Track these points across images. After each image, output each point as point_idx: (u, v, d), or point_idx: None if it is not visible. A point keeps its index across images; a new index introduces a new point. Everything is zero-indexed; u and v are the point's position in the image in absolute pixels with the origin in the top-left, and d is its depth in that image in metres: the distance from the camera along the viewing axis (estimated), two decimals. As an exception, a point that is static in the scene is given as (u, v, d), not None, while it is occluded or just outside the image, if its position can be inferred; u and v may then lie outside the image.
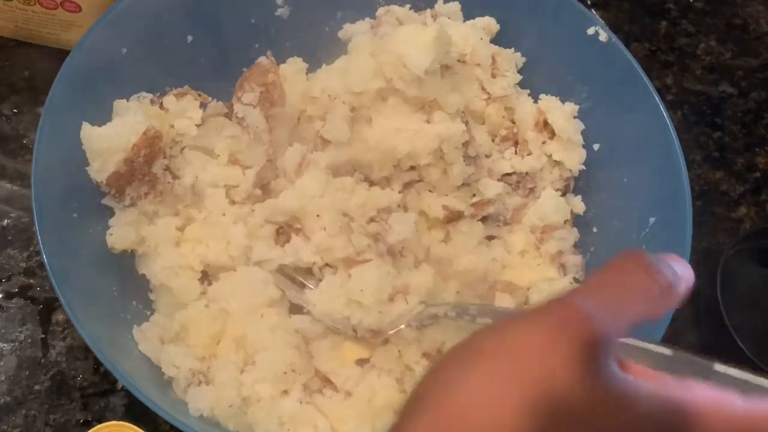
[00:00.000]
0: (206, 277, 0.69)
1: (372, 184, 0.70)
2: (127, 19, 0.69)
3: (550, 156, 0.73)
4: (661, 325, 0.61)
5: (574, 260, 0.71)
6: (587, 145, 0.73)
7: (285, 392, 0.63)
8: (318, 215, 0.65)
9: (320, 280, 0.66)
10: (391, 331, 0.64)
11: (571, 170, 0.73)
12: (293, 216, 0.66)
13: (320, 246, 0.65)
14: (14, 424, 0.70)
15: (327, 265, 0.66)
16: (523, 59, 0.77)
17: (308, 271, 0.67)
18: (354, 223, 0.66)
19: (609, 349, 0.34)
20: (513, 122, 0.75)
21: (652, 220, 0.67)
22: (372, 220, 0.66)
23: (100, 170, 0.65)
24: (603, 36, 0.72)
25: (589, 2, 0.98)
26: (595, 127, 0.73)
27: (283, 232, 0.67)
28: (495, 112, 0.74)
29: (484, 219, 0.71)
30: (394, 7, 0.76)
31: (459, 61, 0.73)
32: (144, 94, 0.71)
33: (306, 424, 0.61)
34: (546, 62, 0.76)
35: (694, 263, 0.77)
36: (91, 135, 0.64)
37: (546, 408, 0.32)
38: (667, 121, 0.68)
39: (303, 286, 0.66)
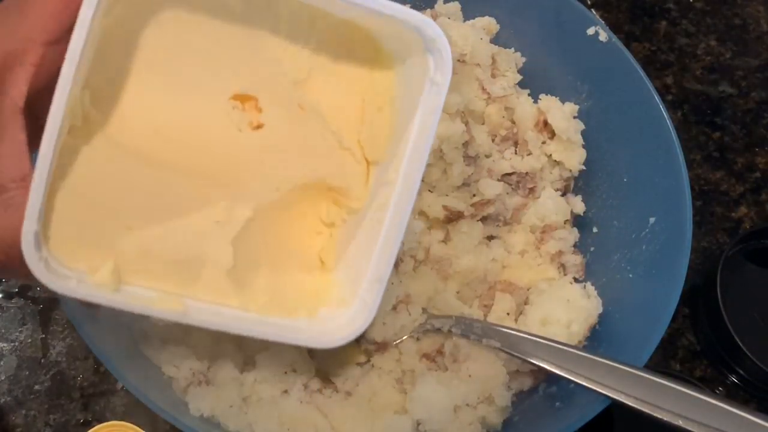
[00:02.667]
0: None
1: (372, 184, 0.70)
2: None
3: (550, 156, 0.73)
4: (661, 326, 0.61)
5: (574, 260, 0.71)
6: (587, 145, 0.73)
7: (285, 392, 0.63)
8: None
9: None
10: (395, 343, 0.65)
11: (571, 170, 0.73)
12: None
13: None
14: (14, 424, 0.70)
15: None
16: (523, 59, 0.77)
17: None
18: None
19: None
20: (513, 122, 0.75)
21: (652, 219, 0.67)
22: None
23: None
24: (603, 36, 0.72)
25: (589, 2, 0.98)
26: (595, 127, 0.73)
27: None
28: (495, 112, 0.74)
29: (484, 219, 0.71)
30: (394, 7, 0.75)
31: (459, 61, 0.73)
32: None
33: (306, 424, 0.61)
34: (546, 62, 0.76)
35: (694, 263, 0.77)
36: None
37: None
38: (667, 121, 0.68)
39: None
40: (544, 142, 0.74)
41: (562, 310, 0.65)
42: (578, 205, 0.73)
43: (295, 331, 0.49)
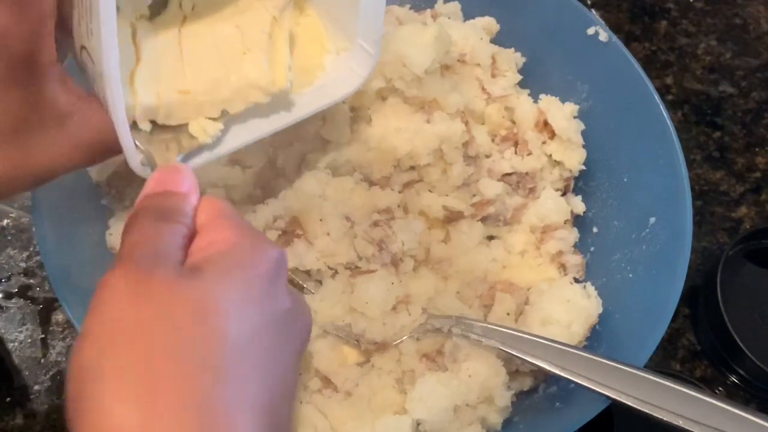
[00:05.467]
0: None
1: (372, 184, 0.70)
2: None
3: (550, 156, 0.73)
4: (661, 326, 0.61)
5: (575, 260, 0.71)
6: (587, 145, 0.73)
7: (285, 392, 0.63)
8: (321, 219, 0.65)
9: (318, 281, 0.66)
10: (395, 343, 0.65)
11: (571, 170, 0.73)
12: (294, 219, 0.66)
13: (324, 251, 0.65)
14: (14, 425, 0.70)
15: (327, 267, 0.66)
16: (523, 59, 0.77)
17: (306, 272, 0.67)
18: (357, 227, 0.66)
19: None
20: (513, 122, 0.75)
21: (652, 220, 0.67)
22: (375, 224, 0.66)
23: (100, 170, 0.64)
24: (603, 36, 0.72)
25: (589, 2, 0.98)
26: (595, 127, 0.73)
27: (285, 235, 0.67)
28: (495, 112, 0.74)
29: (484, 219, 0.71)
30: (394, 7, 0.76)
31: (459, 61, 0.73)
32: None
33: (306, 424, 0.61)
34: (546, 62, 0.76)
35: (695, 263, 0.77)
36: None
37: None
38: (667, 121, 0.68)
39: (301, 288, 0.66)
40: (544, 142, 0.73)
41: (562, 310, 0.65)
42: (578, 205, 0.73)
43: (323, 94, 0.56)
